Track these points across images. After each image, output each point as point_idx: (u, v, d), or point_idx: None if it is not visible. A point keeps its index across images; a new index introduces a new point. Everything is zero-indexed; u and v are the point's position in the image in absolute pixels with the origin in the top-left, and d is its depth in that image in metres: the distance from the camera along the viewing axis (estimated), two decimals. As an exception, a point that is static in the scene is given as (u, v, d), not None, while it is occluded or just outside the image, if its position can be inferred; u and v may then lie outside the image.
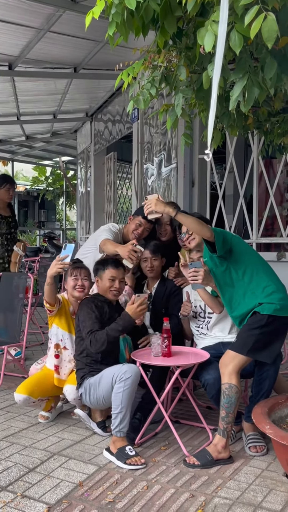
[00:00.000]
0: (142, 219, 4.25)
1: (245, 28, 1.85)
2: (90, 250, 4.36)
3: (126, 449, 3.22)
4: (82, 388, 3.52)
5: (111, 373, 3.33)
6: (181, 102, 2.54)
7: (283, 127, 3.63)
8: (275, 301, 3.23)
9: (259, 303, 3.28)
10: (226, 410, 3.20)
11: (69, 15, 6.53)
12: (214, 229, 3.30)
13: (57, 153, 17.74)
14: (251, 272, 3.35)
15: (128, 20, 2.27)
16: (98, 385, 3.39)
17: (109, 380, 3.31)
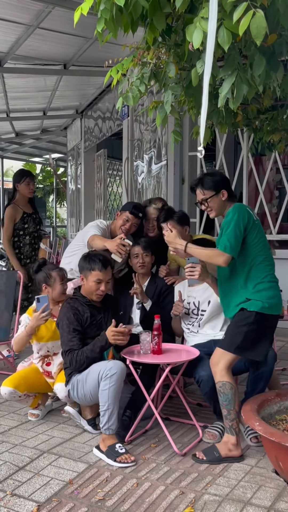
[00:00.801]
0: (129, 214, 4.24)
1: (233, 25, 1.84)
2: (79, 247, 4.34)
3: (116, 446, 3.21)
4: (70, 385, 3.51)
5: (97, 369, 3.32)
6: (170, 99, 2.53)
7: (272, 124, 3.64)
8: (263, 298, 3.21)
9: (246, 299, 3.25)
10: (226, 408, 3.20)
11: (59, 11, 6.48)
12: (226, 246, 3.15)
13: (47, 150, 17.69)
14: (250, 266, 3.27)
15: (117, 17, 2.26)
16: (85, 381, 3.38)
17: (95, 376, 3.30)
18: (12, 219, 5.55)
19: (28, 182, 5.64)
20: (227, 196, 3.33)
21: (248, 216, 3.24)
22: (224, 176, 3.46)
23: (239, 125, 3.57)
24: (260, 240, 3.28)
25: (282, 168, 7.09)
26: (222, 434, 3.41)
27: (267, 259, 3.31)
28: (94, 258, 3.64)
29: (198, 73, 2.15)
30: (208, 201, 3.34)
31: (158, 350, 3.49)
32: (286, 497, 2.75)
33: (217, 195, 3.33)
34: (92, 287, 3.60)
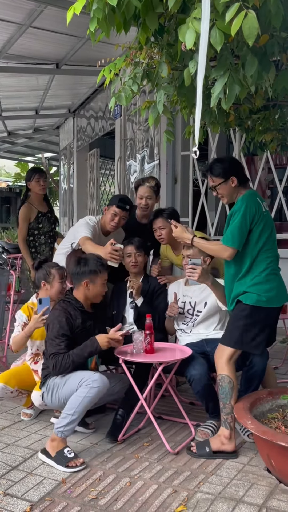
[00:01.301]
0: (116, 208, 4.23)
1: (226, 25, 1.85)
2: (69, 245, 4.34)
3: (65, 451, 3.12)
4: (44, 387, 3.40)
5: (80, 376, 3.23)
6: (162, 99, 2.54)
7: (264, 124, 3.66)
8: (260, 291, 3.19)
9: (244, 291, 3.25)
10: (223, 402, 3.23)
11: (51, 11, 6.48)
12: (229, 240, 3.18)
13: (40, 149, 17.64)
14: (253, 259, 3.24)
15: (109, 16, 2.27)
16: (63, 385, 3.28)
17: (75, 382, 3.21)
18: (26, 218, 5.43)
19: (38, 179, 5.47)
20: (237, 183, 3.28)
21: (256, 207, 3.20)
22: (235, 162, 3.42)
23: (231, 125, 3.58)
24: (266, 233, 3.25)
25: (274, 168, 7.12)
26: (214, 433, 3.43)
27: (270, 251, 3.28)
28: (96, 261, 3.54)
29: (190, 73, 2.16)
30: (217, 188, 3.33)
31: (151, 349, 3.49)
32: (278, 495, 2.76)
33: (226, 182, 3.29)
34: (100, 289, 3.52)
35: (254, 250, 3.22)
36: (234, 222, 3.17)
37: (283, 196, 6.86)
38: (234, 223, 3.17)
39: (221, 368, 3.24)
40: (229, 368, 3.22)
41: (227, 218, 3.30)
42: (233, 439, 3.24)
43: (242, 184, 3.32)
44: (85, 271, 3.49)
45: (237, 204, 3.23)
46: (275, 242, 3.34)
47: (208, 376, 3.44)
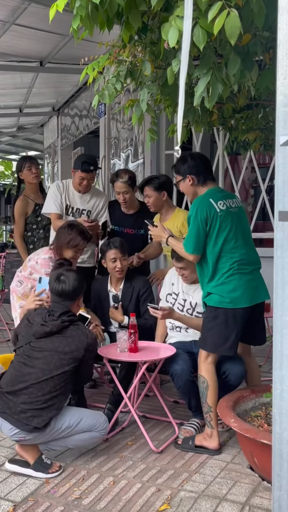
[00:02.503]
0: (82, 172, 4.30)
1: (208, 24, 1.85)
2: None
3: (43, 458, 2.99)
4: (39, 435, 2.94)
5: (94, 420, 3.08)
6: (146, 97, 2.53)
7: (247, 123, 3.67)
8: (223, 293, 3.16)
9: (207, 293, 3.25)
10: (201, 401, 3.27)
11: (35, 8, 6.42)
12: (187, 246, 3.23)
13: (24, 147, 17.52)
14: (215, 260, 3.21)
15: (92, 14, 2.26)
16: (71, 430, 3.01)
17: (90, 426, 3.06)
18: (23, 213, 5.05)
19: (30, 167, 5.08)
20: (194, 182, 3.29)
21: (208, 209, 3.16)
22: (198, 161, 3.35)
23: (214, 124, 3.59)
24: (223, 233, 3.18)
25: (257, 167, 7.15)
26: (198, 431, 3.44)
27: (234, 250, 3.20)
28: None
29: (173, 71, 2.15)
30: (178, 185, 3.40)
31: (135, 348, 3.49)
32: (261, 493, 2.78)
33: (183, 180, 3.34)
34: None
35: (213, 253, 3.20)
36: (189, 228, 3.22)
37: (266, 195, 6.90)
38: (189, 229, 3.22)
39: (199, 368, 3.29)
40: (204, 368, 3.24)
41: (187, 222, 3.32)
42: (215, 437, 3.25)
43: (201, 183, 3.30)
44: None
45: (191, 208, 3.24)
46: (239, 240, 3.23)
47: (190, 372, 3.43)
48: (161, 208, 4.31)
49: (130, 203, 4.52)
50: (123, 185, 4.41)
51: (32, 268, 3.95)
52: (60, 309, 3.10)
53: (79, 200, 4.46)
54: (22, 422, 2.87)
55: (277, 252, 1.84)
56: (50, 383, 2.92)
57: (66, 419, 2.99)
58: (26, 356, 3.02)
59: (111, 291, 4.15)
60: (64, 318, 3.06)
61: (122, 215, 4.57)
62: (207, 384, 3.22)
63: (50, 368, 2.94)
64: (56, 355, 2.97)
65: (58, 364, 2.95)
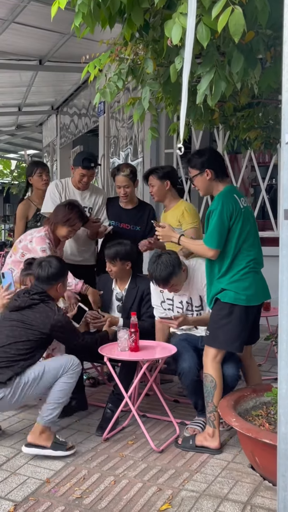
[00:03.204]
0: (83, 169, 4.35)
1: (212, 21, 1.84)
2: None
3: (58, 438, 3.24)
4: (7, 389, 3.10)
5: (58, 364, 3.24)
6: (148, 95, 2.52)
7: (249, 122, 3.66)
8: (238, 290, 3.16)
9: (221, 289, 3.22)
10: (206, 400, 3.24)
11: (34, 6, 6.41)
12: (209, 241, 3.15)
13: (22, 146, 17.48)
14: (233, 256, 3.20)
15: (94, 11, 2.24)
16: (40, 379, 3.18)
17: (57, 371, 3.21)
18: (24, 216, 5.03)
19: (40, 173, 5.08)
20: (212, 176, 3.24)
21: (233, 204, 3.17)
22: (215, 155, 3.36)
23: (216, 122, 3.57)
24: (245, 229, 3.21)
25: (257, 166, 7.14)
26: (203, 430, 3.43)
27: (251, 248, 3.23)
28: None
29: (176, 69, 2.14)
30: (193, 180, 3.31)
31: (136, 347, 3.48)
32: (263, 492, 2.77)
33: (201, 174, 3.26)
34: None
35: (235, 248, 3.19)
36: (212, 222, 3.14)
37: (266, 194, 6.89)
38: (212, 223, 3.14)
39: (205, 366, 3.25)
40: (212, 367, 3.22)
41: (206, 216, 3.28)
42: (216, 437, 3.24)
43: (219, 178, 3.27)
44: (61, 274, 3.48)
45: (214, 202, 3.20)
46: (256, 238, 3.30)
47: (197, 371, 3.42)
48: (164, 198, 4.38)
49: (130, 198, 4.50)
50: (125, 178, 4.38)
51: (24, 248, 3.98)
52: (35, 289, 3.38)
53: (79, 197, 4.46)
54: None
55: (282, 251, 1.83)
56: (13, 347, 3.20)
57: (31, 371, 3.18)
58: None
59: (116, 290, 4.13)
60: (35, 296, 3.34)
61: (120, 209, 4.55)
62: (215, 384, 3.20)
63: (14, 335, 3.23)
64: (21, 325, 3.26)
65: (23, 333, 3.23)
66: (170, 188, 4.34)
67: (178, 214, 4.20)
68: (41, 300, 3.33)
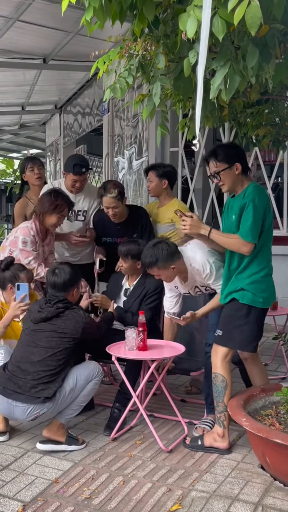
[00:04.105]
0: (74, 175, 4.38)
1: (228, 14, 1.81)
2: None
3: (70, 434, 3.35)
4: (51, 404, 3.20)
5: (87, 372, 3.36)
6: (159, 91, 2.48)
7: (258, 119, 3.63)
8: (257, 291, 3.13)
9: (240, 288, 3.16)
10: (216, 400, 3.21)
11: (39, 4, 6.39)
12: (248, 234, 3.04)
13: (25, 145, 17.49)
14: (255, 253, 3.14)
15: (106, 5, 2.21)
16: (74, 389, 3.30)
17: (86, 379, 3.35)
18: (21, 214, 4.89)
19: (32, 167, 4.93)
20: (241, 170, 3.17)
21: (266, 199, 3.16)
22: (240, 149, 3.32)
23: (225, 119, 3.54)
24: (271, 228, 3.19)
25: (263, 164, 7.11)
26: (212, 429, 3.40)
27: (270, 248, 3.22)
28: None
29: (190, 63, 2.11)
30: (220, 174, 3.17)
31: (144, 347, 3.45)
32: (273, 493, 2.74)
33: (230, 168, 3.14)
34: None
35: (260, 245, 3.14)
36: (248, 215, 3.03)
37: (272, 193, 6.86)
38: (248, 216, 3.03)
39: (215, 366, 3.22)
40: (223, 366, 3.19)
41: (227, 210, 3.22)
42: (226, 437, 3.21)
43: (244, 173, 3.21)
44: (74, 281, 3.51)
45: (248, 196, 3.09)
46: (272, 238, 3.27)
47: None
48: (159, 195, 4.56)
49: (120, 216, 4.33)
50: (113, 200, 4.21)
51: (11, 244, 4.00)
52: (56, 298, 3.40)
53: (73, 201, 4.37)
54: (34, 396, 3.14)
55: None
56: (54, 358, 3.24)
57: (66, 383, 3.27)
58: (29, 339, 3.34)
59: (125, 285, 4.13)
60: (59, 305, 3.36)
61: (111, 225, 4.40)
62: (226, 383, 3.17)
63: (52, 346, 3.26)
64: (56, 335, 3.29)
65: (59, 342, 3.27)
66: (167, 187, 4.51)
67: (171, 212, 4.26)
68: (66, 308, 3.36)
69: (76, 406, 3.34)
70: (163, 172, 4.47)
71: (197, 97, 1.80)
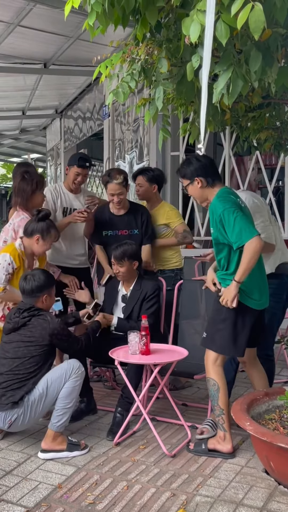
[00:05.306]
0: (78, 168, 4.42)
1: (231, 18, 1.81)
2: None
3: (71, 440, 3.31)
4: (20, 410, 3.20)
5: (59, 374, 3.29)
6: (162, 95, 2.49)
7: (260, 122, 3.63)
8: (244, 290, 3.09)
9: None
10: (212, 404, 3.23)
11: (40, 9, 6.39)
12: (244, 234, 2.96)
13: (26, 150, 17.50)
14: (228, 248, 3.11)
15: (108, 11, 2.22)
16: (46, 395, 3.25)
17: (60, 381, 3.26)
18: None
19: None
20: (203, 184, 3.17)
21: (234, 197, 3.12)
22: (203, 162, 3.22)
23: (227, 123, 3.55)
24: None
25: (264, 168, 7.11)
26: (213, 428, 3.38)
27: None
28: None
29: (194, 67, 2.11)
30: (187, 190, 3.28)
31: (147, 351, 3.45)
32: (278, 497, 2.73)
33: (192, 184, 3.21)
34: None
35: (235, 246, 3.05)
36: (231, 221, 2.97)
37: (273, 196, 6.86)
38: (231, 221, 2.97)
39: (207, 370, 3.25)
40: (214, 370, 3.21)
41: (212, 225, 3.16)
42: (228, 440, 3.20)
43: (211, 184, 3.19)
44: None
45: (217, 207, 3.07)
46: None
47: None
48: (148, 199, 4.60)
49: (123, 204, 4.36)
50: (118, 186, 4.23)
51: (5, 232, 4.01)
52: (24, 306, 3.41)
53: (74, 202, 4.51)
54: (3, 404, 3.18)
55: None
56: (21, 368, 3.25)
57: (36, 389, 3.25)
58: (1, 351, 3.40)
59: (121, 291, 4.10)
60: (25, 314, 3.36)
61: (112, 217, 4.41)
62: (218, 387, 3.18)
63: (19, 356, 3.28)
64: (23, 344, 3.30)
65: (26, 352, 3.28)
66: (156, 191, 4.56)
67: (163, 214, 4.48)
68: (32, 316, 3.34)
69: (61, 411, 3.25)
70: (152, 176, 4.51)
71: (201, 101, 1.80)
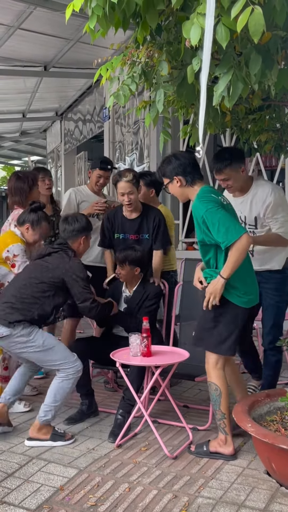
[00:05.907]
0: (100, 170, 4.67)
1: (231, 21, 1.82)
2: None
3: (57, 430, 3.46)
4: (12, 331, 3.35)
5: (64, 355, 3.42)
6: (162, 98, 2.50)
7: (260, 124, 3.64)
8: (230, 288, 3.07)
9: None
10: (214, 408, 3.23)
11: (40, 12, 6.41)
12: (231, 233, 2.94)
13: (26, 152, 17.53)
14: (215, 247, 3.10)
15: (109, 14, 2.23)
16: (41, 350, 3.38)
17: (58, 359, 3.40)
18: None
19: (43, 178, 5.02)
20: (182, 183, 3.14)
21: (215, 196, 3.08)
22: (183, 161, 3.16)
23: (227, 125, 3.55)
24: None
25: (264, 170, 7.11)
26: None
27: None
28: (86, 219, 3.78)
29: (194, 70, 2.12)
30: (167, 188, 3.27)
31: (148, 352, 3.45)
32: (280, 499, 2.73)
33: (171, 183, 3.19)
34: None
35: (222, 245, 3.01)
36: (215, 221, 2.94)
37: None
38: (215, 221, 2.93)
39: (208, 374, 3.23)
40: (215, 374, 3.19)
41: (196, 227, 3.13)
42: (229, 443, 3.21)
43: (191, 183, 3.15)
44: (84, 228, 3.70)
45: (198, 207, 3.04)
46: None
47: None
48: (147, 203, 4.56)
49: (135, 205, 4.28)
50: (128, 184, 4.15)
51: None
52: (59, 241, 3.68)
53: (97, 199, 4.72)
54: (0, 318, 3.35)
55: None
56: (28, 289, 3.43)
57: (42, 336, 3.40)
58: (20, 274, 3.65)
59: (125, 292, 4.11)
60: (56, 246, 3.64)
61: (125, 221, 4.37)
62: (220, 392, 3.17)
63: (30, 276, 3.50)
64: (39, 267, 3.52)
65: (39, 275, 3.48)
66: (154, 195, 4.67)
67: None
68: (60, 249, 3.57)
69: (48, 407, 3.39)
70: (150, 180, 4.56)
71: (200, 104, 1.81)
